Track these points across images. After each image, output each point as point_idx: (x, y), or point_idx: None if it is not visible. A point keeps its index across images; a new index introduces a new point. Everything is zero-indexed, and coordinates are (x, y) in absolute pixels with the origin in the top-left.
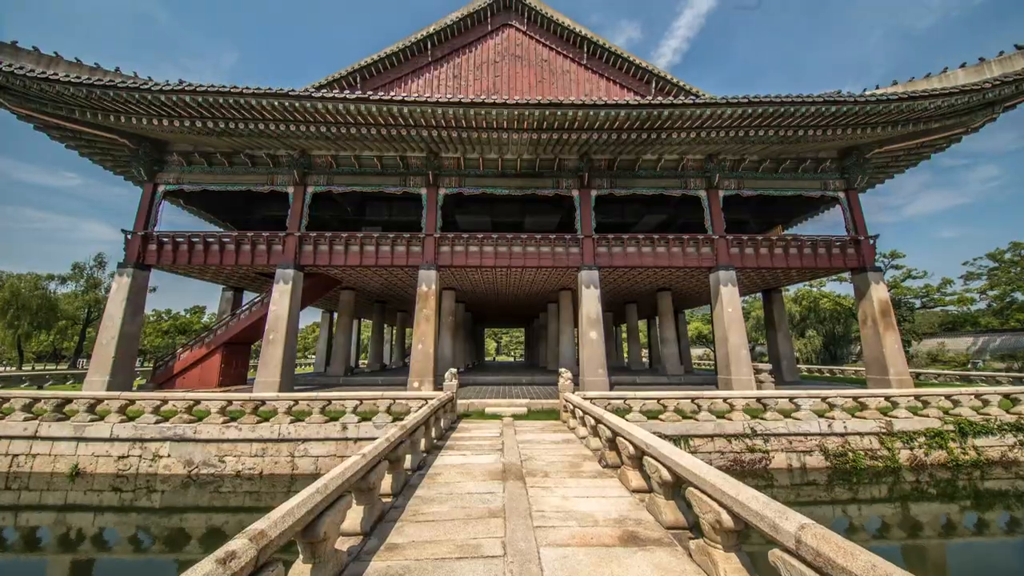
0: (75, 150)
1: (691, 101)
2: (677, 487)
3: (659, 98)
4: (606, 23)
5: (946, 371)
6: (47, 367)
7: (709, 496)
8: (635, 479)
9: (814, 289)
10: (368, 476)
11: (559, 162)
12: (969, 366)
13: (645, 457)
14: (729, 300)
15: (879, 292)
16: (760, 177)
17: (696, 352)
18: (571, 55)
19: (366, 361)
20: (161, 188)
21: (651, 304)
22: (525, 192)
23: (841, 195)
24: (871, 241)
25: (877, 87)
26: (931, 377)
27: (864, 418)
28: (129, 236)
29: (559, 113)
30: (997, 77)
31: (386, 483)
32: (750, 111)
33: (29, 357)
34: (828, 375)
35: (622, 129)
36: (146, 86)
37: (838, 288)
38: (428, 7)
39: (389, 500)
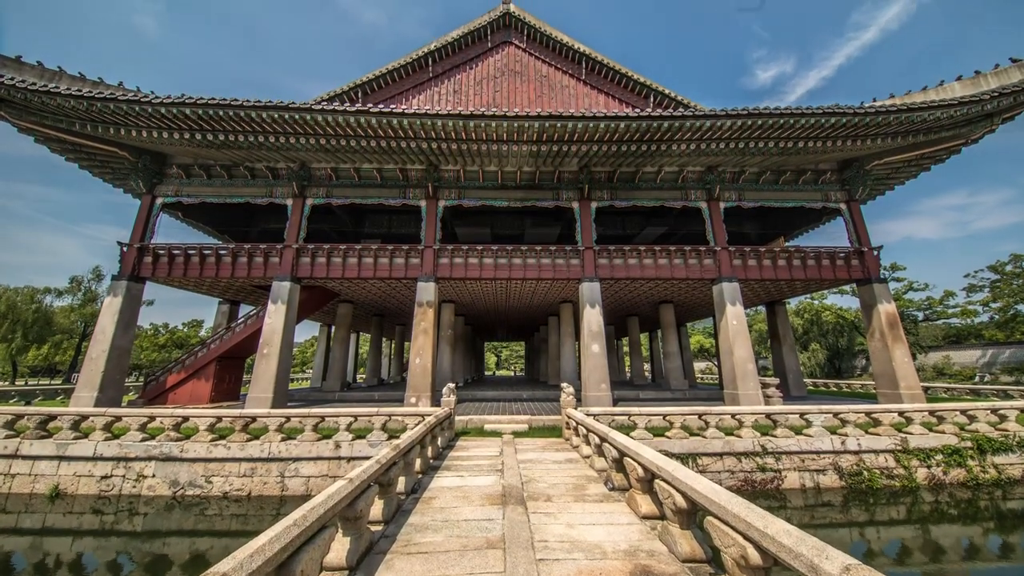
0: (75, 163)
1: (690, 113)
2: (693, 514)
3: (658, 111)
4: (768, 57)
5: (956, 385)
6: (40, 382)
7: (732, 528)
8: (645, 504)
9: (815, 302)
10: (355, 504)
11: (559, 174)
12: (976, 379)
13: (656, 480)
14: (733, 312)
15: (885, 304)
16: (761, 188)
17: (698, 366)
18: (570, 71)
19: (364, 376)
20: (159, 200)
21: (653, 317)
22: (525, 204)
23: (842, 206)
24: (875, 252)
25: (874, 100)
26: (940, 391)
27: (878, 434)
28: (125, 248)
29: (559, 125)
30: (995, 89)
31: (376, 509)
32: (749, 123)
33: (23, 372)
34: (835, 389)
35: (622, 141)
36: (146, 99)
37: (839, 300)
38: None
39: (379, 528)
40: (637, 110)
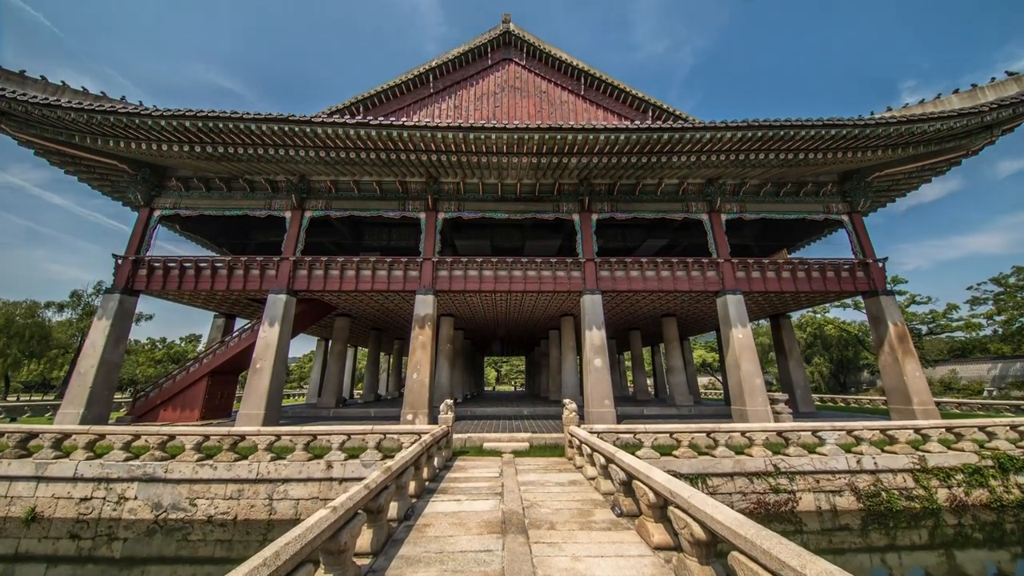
0: (74, 175)
1: (690, 125)
2: (713, 546)
3: (657, 123)
4: (921, 87)
5: (967, 400)
6: (33, 397)
7: (762, 566)
8: (657, 533)
9: (818, 316)
10: (339, 535)
11: (559, 186)
12: (985, 393)
13: (670, 507)
14: (739, 326)
15: (894, 316)
16: (762, 200)
17: (701, 381)
18: (569, 87)
19: (361, 391)
20: (157, 213)
21: (656, 331)
22: (525, 216)
23: (845, 218)
24: (880, 264)
25: (873, 113)
26: (951, 406)
27: (895, 453)
28: (120, 261)
29: (559, 137)
30: (993, 101)
31: (365, 539)
32: (750, 135)
33: (16, 387)
34: (843, 405)
35: (622, 153)
36: (147, 111)
37: (842, 314)
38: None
39: (367, 562)
40: (636, 124)
